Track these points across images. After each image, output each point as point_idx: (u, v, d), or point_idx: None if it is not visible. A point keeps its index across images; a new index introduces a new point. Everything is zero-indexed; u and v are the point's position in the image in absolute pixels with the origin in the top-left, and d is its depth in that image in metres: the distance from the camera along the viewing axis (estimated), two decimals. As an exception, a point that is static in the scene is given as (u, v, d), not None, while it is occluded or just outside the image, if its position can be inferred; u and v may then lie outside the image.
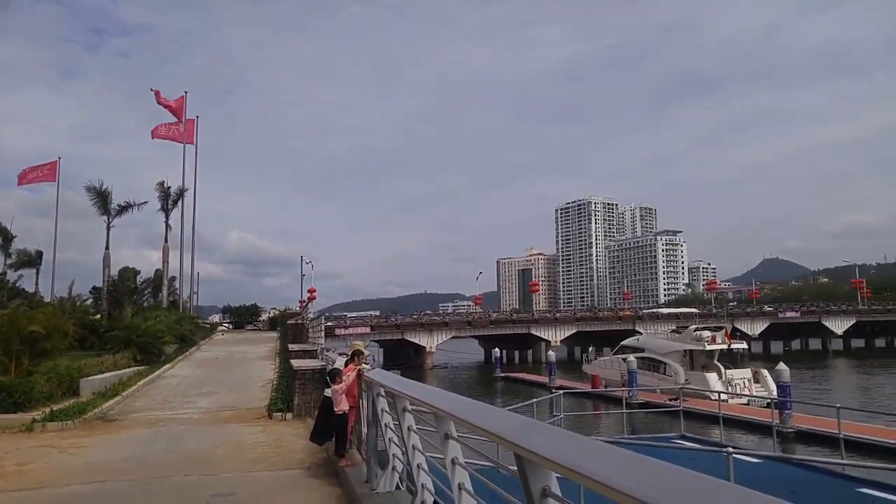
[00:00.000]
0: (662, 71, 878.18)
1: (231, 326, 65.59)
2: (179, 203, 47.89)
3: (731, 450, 7.45)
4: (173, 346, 27.55)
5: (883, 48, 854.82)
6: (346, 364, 8.95)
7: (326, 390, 9.27)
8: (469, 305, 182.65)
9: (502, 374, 53.40)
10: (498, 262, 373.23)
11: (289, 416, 13.60)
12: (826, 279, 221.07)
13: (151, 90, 47.15)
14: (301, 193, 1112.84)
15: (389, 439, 6.24)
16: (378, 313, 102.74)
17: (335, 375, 8.92)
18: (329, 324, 56.19)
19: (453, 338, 73.55)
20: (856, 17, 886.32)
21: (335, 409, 8.77)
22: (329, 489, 7.94)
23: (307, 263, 76.17)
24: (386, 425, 6.32)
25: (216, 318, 79.98)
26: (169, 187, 47.57)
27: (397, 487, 6.28)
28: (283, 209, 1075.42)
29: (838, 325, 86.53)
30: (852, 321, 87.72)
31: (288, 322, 29.45)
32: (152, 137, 47.68)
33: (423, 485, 5.00)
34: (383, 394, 6.40)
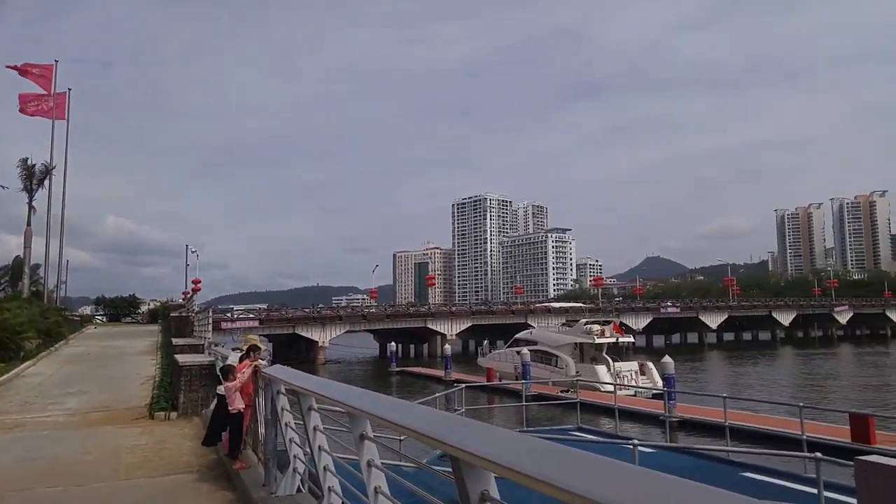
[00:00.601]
0: (557, 74, 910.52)
1: (106, 319, 61.34)
2: (46, 183, 44.01)
3: (636, 442, 7.48)
4: (35, 342, 25.03)
5: (749, 67, 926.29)
6: (241, 360, 8.25)
7: (219, 387, 8.51)
8: (364, 299, 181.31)
9: (397, 369, 52.94)
10: (395, 255, 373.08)
11: (173, 415, 12.46)
12: (702, 277, 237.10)
13: (9, 67, 42.72)
14: (185, 177, 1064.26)
15: (290, 439, 5.76)
16: (266, 306, 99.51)
17: (228, 372, 8.17)
18: (215, 317, 53.77)
19: (348, 332, 72.22)
20: (726, 37, 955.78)
21: (229, 408, 8.05)
22: (221, 494, 7.16)
23: (192, 252, 72.34)
24: (287, 425, 5.83)
25: (88, 309, 74.64)
26: (33, 165, 43.61)
27: (299, 490, 5.82)
28: (166, 194, 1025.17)
29: (713, 320, 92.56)
30: (725, 316, 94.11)
31: (171, 315, 27.67)
32: (20, 112, 43.47)
33: (330, 487, 4.57)
34: (284, 391, 5.90)
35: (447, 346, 48.45)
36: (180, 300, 48.85)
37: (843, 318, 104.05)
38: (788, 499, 9.88)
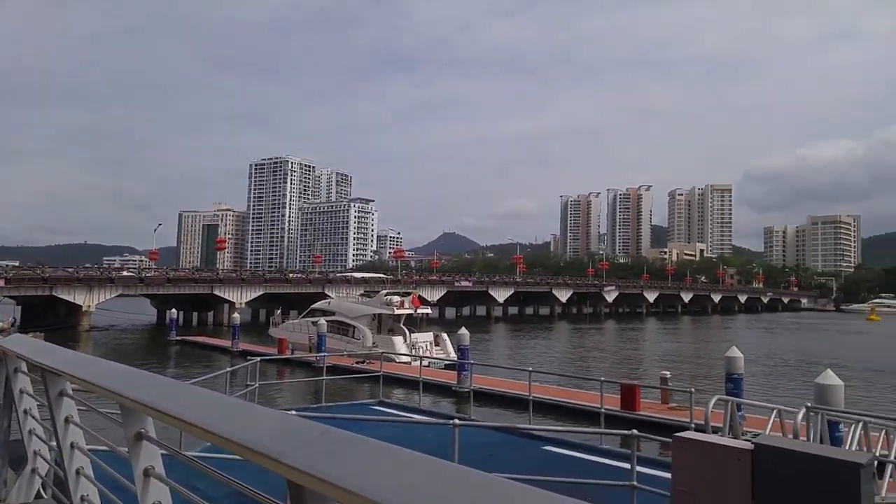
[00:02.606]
0: (368, 42, 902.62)
1: None
2: None
3: (456, 422, 7.12)
4: None
5: (548, 58, 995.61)
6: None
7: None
8: (143, 260, 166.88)
9: (177, 338, 48.84)
10: (181, 214, 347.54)
11: None
12: (492, 254, 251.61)
13: None
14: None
15: (31, 431, 4.32)
16: (17, 264, 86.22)
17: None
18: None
19: (120, 296, 65.20)
20: (532, 28, 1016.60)
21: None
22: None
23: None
24: (27, 412, 4.37)
25: None
26: None
27: (39, 496, 4.45)
28: None
29: (501, 295, 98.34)
30: (511, 291, 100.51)
31: None
32: None
33: (83, 497, 3.42)
34: (25, 370, 4.41)
35: (235, 315, 45.47)
36: None
37: (611, 297, 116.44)
38: (583, 469, 10.19)
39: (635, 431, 6.81)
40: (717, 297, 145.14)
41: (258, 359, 13.88)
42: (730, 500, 5.99)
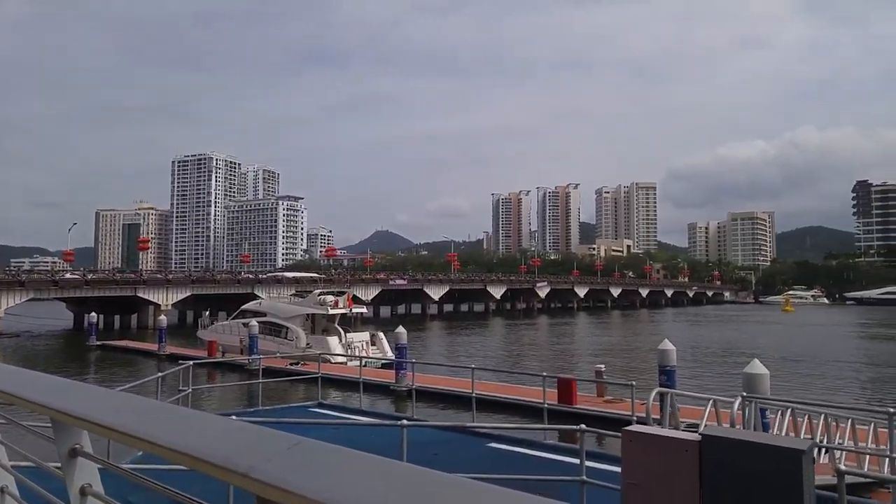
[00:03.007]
0: (296, 36, 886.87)
1: None
2: None
3: (405, 422, 6.94)
4: None
5: (479, 56, 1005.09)
6: None
7: None
8: (56, 262, 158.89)
9: (98, 343, 46.52)
10: (98, 213, 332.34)
11: None
12: (426, 252, 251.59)
13: None
14: None
15: None
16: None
17: None
18: None
19: (32, 300, 61.69)
20: (462, 24, 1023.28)
21: None
22: None
23: None
24: None
25: None
26: None
27: None
28: None
29: (436, 292, 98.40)
30: (446, 289, 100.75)
31: None
32: None
33: None
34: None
35: (162, 318, 43.69)
36: None
37: (543, 293, 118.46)
38: (529, 465, 10.20)
39: (583, 426, 6.81)
40: (644, 292, 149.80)
41: (191, 362, 13.20)
42: (679, 490, 6.09)
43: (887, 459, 10.81)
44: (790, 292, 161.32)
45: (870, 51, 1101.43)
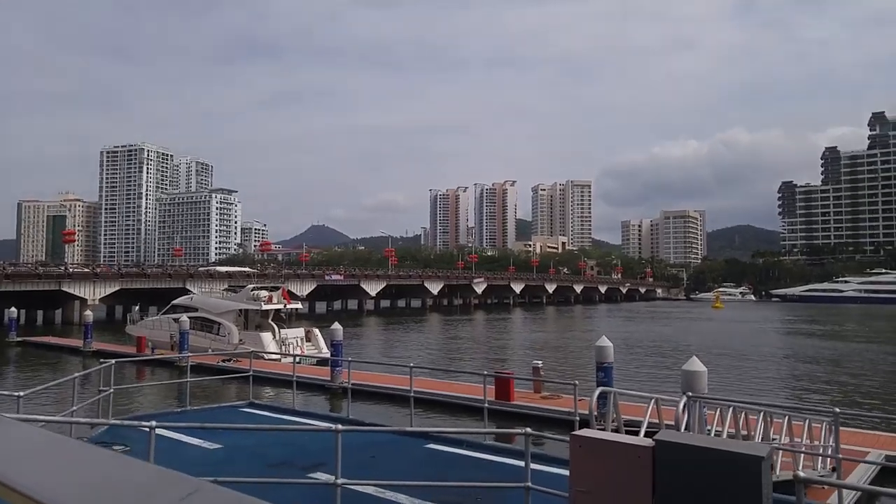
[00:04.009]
0: (229, 26, 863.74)
1: None
2: None
3: (339, 427, 6.47)
4: None
5: (416, 52, 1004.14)
6: None
7: None
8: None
9: (18, 339, 43.99)
10: (20, 204, 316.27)
11: None
12: (363, 247, 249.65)
13: None
14: None
15: None
16: None
17: None
18: None
19: (-58, 295, 57.89)
20: (399, 19, 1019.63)
21: None
22: None
23: None
24: None
25: None
26: None
27: None
28: None
29: (373, 288, 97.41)
30: (384, 284, 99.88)
31: None
32: None
33: None
34: None
35: (88, 313, 41.57)
36: None
37: (480, 289, 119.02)
38: (469, 467, 9.87)
39: (528, 430, 6.49)
40: (579, 288, 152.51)
41: (113, 361, 12.26)
42: (629, 498, 5.82)
43: (820, 458, 11.01)
44: (720, 289, 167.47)
45: (797, 55, 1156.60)
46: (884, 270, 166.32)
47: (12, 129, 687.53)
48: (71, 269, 71.71)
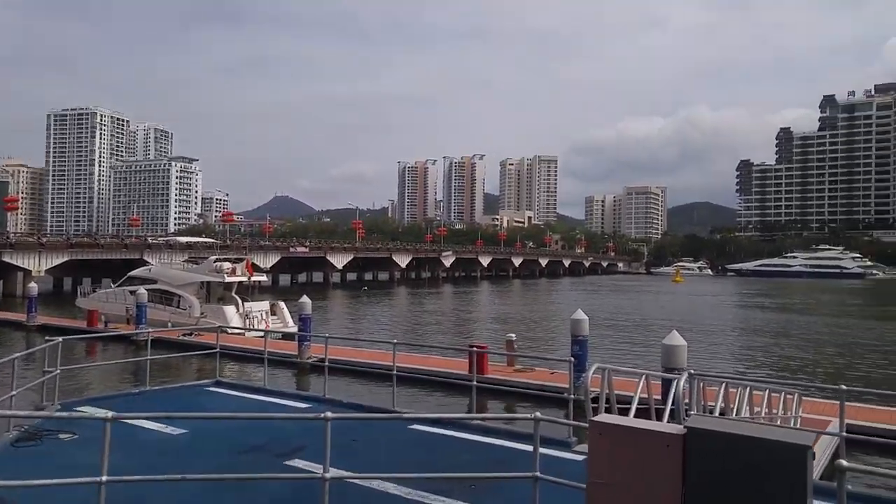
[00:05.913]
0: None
1: None
2: None
3: (328, 415, 5.75)
4: None
5: (383, 22, 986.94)
6: None
7: None
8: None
9: (-47, 313, 41.56)
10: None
11: None
12: (329, 219, 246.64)
13: None
14: None
15: None
16: None
17: None
18: None
19: None
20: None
21: None
22: None
23: None
24: None
25: None
26: None
27: None
28: None
29: (339, 261, 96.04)
30: (350, 257, 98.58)
31: None
32: None
33: None
34: None
35: (32, 285, 39.03)
36: None
37: (448, 262, 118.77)
38: (457, 450, 9.26)
39: (538, 415, 5.85)
40: (544, 262, 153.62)
41: (60, 338, 11.15)
42: (655, 491, 5.22)
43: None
44: (679, 264, 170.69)
45: (760, 38, 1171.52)
46: (827, 247, 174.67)
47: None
48: (13, 239, 68.41)
